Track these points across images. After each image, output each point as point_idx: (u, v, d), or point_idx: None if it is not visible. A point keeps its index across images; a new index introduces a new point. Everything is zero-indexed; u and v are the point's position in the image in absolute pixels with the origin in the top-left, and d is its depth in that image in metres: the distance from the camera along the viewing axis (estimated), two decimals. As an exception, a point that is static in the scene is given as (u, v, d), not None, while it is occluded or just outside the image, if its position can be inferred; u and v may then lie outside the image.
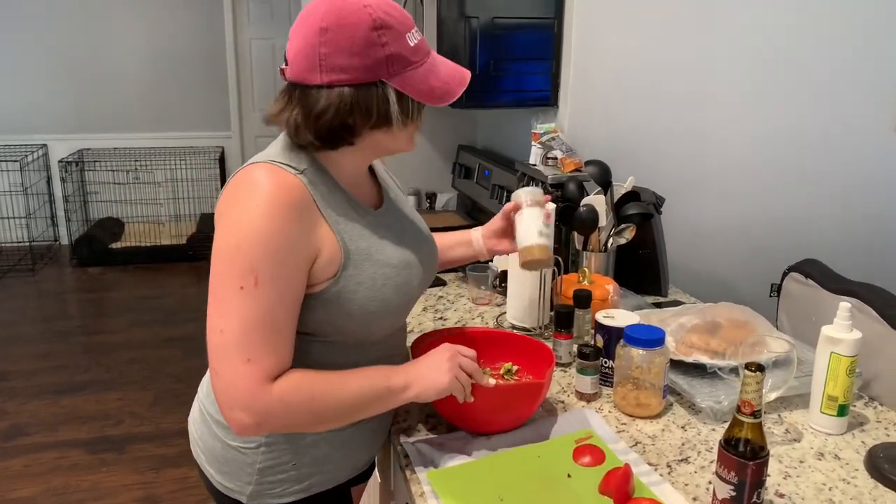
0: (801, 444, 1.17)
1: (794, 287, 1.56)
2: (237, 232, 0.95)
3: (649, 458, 1.12)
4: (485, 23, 1.93)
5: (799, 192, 2.26)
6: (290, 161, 1.01)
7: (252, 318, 0.94)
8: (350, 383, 1.02)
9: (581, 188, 1.74)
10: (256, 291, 0.93)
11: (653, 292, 1.83)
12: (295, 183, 0.98)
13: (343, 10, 0.96)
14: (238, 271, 0.93)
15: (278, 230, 0.95)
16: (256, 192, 0.96)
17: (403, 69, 0.98)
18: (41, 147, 5.51)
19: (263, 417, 0.95)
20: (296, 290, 0.98)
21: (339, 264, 1.02)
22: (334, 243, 1.02)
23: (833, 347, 1.16)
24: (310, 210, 0.99)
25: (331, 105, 0.97)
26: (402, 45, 0.98)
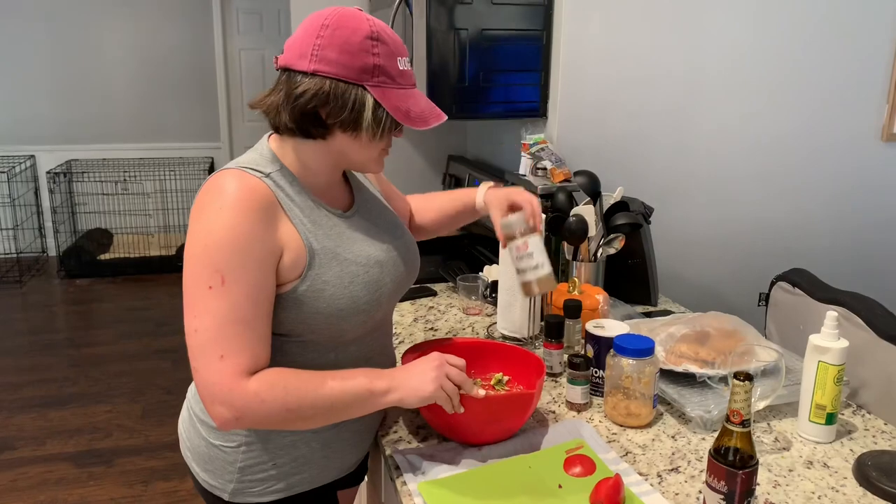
0: (791, 453, 1.17)
1: (782, 296, 1.57)
2: (204, 236, 0.99)
3: (640, 467, 1.12)
4: (474, 35, 1.94)
5: (786, 201, 2.28)
6: (257, 166, 1.06)
7: (222, 315, 0.97)
8: (330, 383, 1.03)
9: (570, 198, 1.75)
10: (224, 290, 0.97)
11: (642, 302, 1.84)
12: (259, 185, 1.03)
13: (347, 15, 1.02)
14: (206, 272, 0.98)
15: (241, 231, 0.99)
16: (221, 197, 1.00)
17: (387, 84, 1.03)
18: (29, 158, 5.49)
19: (241, 412, 0.98)
20: (263, 287, 1.00)
21: (305, 264, 1.05)
22: (299, 242, 1.05)
23: (821, 356, 1.17)
24: (273, 210, 1.03)
25: (309, 90, 1.01)
26: (391, 63, 1.03)
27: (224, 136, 5.96)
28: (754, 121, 2.19)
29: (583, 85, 2.01)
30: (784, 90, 2.19)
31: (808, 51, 2.17)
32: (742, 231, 2.26)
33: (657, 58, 2.05)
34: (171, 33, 5.66)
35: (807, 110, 2.22)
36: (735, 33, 2.10)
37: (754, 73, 2.15)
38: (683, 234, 2.19)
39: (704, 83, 2.12)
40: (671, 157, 2.14)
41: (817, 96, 2.22)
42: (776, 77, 2.17)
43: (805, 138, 2.24)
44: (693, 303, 1.92)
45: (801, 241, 2.30)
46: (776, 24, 2.12)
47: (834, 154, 2.28)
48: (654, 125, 2.10)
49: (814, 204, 2.30)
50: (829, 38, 2.18)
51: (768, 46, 2.13)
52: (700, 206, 2.21)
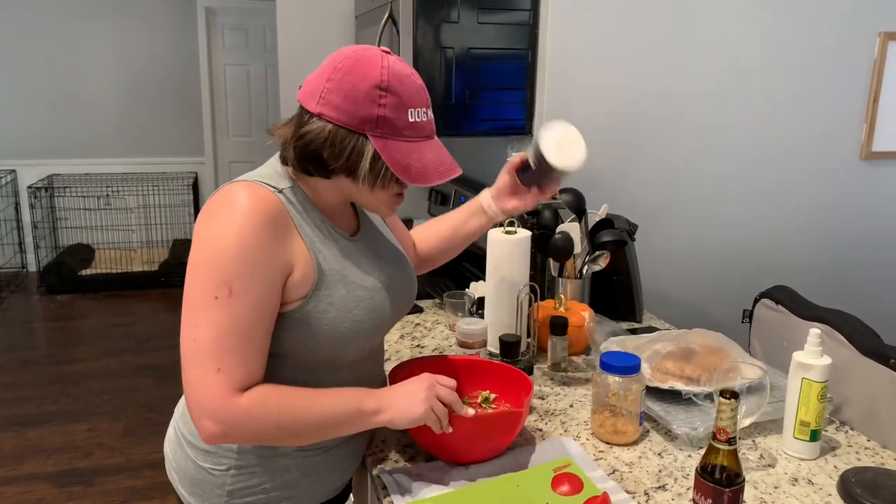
0: (776, 470, 1.18)
1: (766, 313, 1.59)
2: (214, 244, 0.97)
3: (627, 485, 1.12)
4: (460, 53, 1.95)
5: (767, 218, 2.31)
6: (271, 181, 1.05)
7: (224, 327, 0.96)
8: (321, 401, 1.02)
9: (556, 216, 1.76)
10: (230, 302, 0.96)
11: (627, 318, 1.85)
12: (272, 198, 1.02)
13: (361, 60, 1.00)
14: (213, 282, 0.96)
15: (254, 243, 0.97)
16: (234, 207, 0.99)
17: (390, 136, 1.00)
18: (10, 172, 5.43)
19: (230, 427, 0.97)
20: (269, 302, 0.99)
21: (313, 283, 1.04)
22: (308, 261, 1.04)
23: (804, 373, 1.18)
24: (285, 225, 1.02)
25: (311, 132, 1.01)
26: (398, 114, 1.00)
27: (208, 152, 5.94)
28: (736, 140, 2.22)
29: (567, 103, 2.03)
30: (765, 110, 2.22)
31: (788, 71, 2.21)
32: (725, 248, 2.29)
33: (641, 78, 2.08)
34: (156, 48, 5.65)
35: (787, 129, 2.26)
36: (717, 54, 2.13)
37: (736, 94, 2.18)
38: (667, 252, 2.21)
39: (688, 103, 2.15)
40: (655, 175, 2.16)
41: (798, 115, 2.26)
42: (757, 97, 2.20)
43: (785, 156, 2.28)
44: (677, 319, 1.94)
45: (782, 258, 2.33)
46: (757, 46, 2.16)
47: (814, 172, 2.32)
48: (638, 143, 2.13)
49: (795, 221, 2.33)
50: (808, 58, 2.22)
51: (750, 68, 2.17)
52: (683, 224, 2.23)
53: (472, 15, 1.94)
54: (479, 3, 1.93)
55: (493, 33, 1.97)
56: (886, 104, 2.29)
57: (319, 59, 1.09)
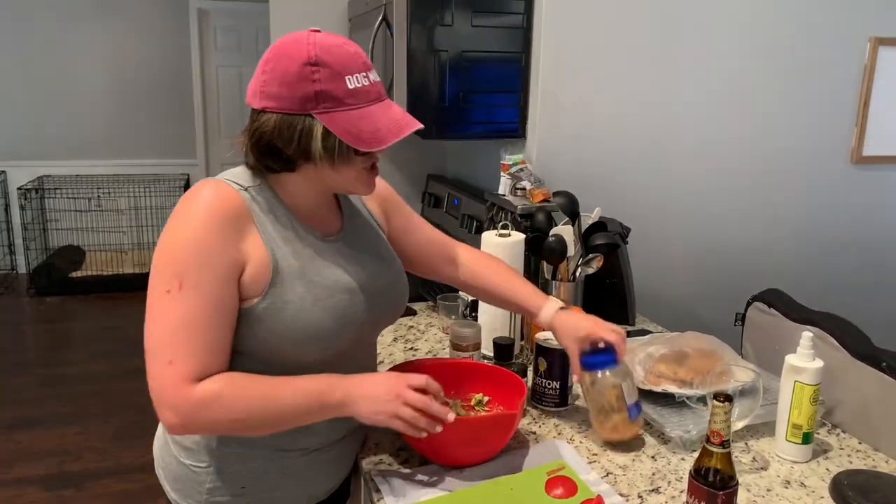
0: (769, 472, 1.19)
1: (758, 316, 1.59)
2: (169, 241, 1.01)
3: (620, 488, 1.12)
4: (454, 56, 1.96)
5: (759, 222, 2.32)
6: (239, 179, 1.08)
7: (175, 320, 0.98)
8: (281, 392, 1.02)
9: (550, 219, 1.76)
10: (180, 295, 0.98)
11: (620, 321, 1.85)
12: (233, 196, 1.04)
13: (287, 44, 1.02)
14: (166, 277, 0.99)
15: (204, 238, 1.00)
16: (192, 205, 1.02)
17: (333, 108, 1.00)
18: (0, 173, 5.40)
19: (187, 418, 0.98)
20: (220, 296, 1.00)
21: (268, 279, 1.04)
22: (265, 259, 1.04)
23: (797, 376, 1.19)
24: (242, 222, 1.04)
25: (258, 129, 1.03)
26: (336, 84, 1.00)
27: (200, 153, 5.92)
28: (728, 144, 2.23)
29: (561, 106, 2.03)
30: (756, 114, 2.23)
31: (779, 76, 2.22)
32: (717, 251, 2.30)
33: (633, 81, 2.09)
34: (148, 49, 5.63)
35: (779, 134, 2.27)
36: (710, 59, 2.14)
37: (727, 98, 2.19)
38: (660, 255, 2.21)
39: (680, 106, 2.15)
40: (648, 178, 2.17)
41: (789, 120, 2.27)
42: (748, 102, 2.21)
43: (777, 161, 2.29)
44: (670, 322, 1.94)
45: (774, 261, 2.34)
46: (749, 51, 2.17)
47: (805, 177, 2.33)
48: (631, 147, 2.13)
49: (786, 225, 2.35)
50: (800, 63, 2.23)
51: (741, 72, 2.18)
52: (676, 227, 2.24)
53: (466, 18, 1.94)
54: (473, 7, 1.94)
55: (487, 36, 1.97)
56: (877, 109, 2.31)
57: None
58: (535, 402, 1.40)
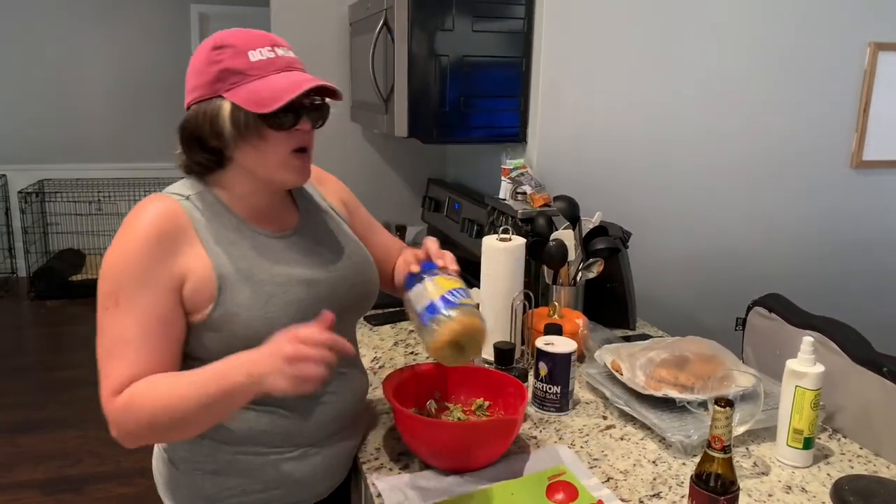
0: (769, 478, 1.18)
1: (758, 321, 1.60)
2: (108, 259, 1.04)
3: (622, 493, 1.12)
4: (455, 60, 1.96)
5: (759, 226, 2.32)
6: (181, 190, 1.10)
7: (112, 336, 1.01)
8: (181, 383, 1.00)
9: (550, 223, 1.76)
10: (117, 311, 1.01)
11: (621, 325, 1.85)
12: (173, 210, 1.06)
13: (203, 41, 1.08)
14: (104, 294, 1.03)
15: (139, 256, 1.02)
16: (131, 223, 1.05)
17: (239, 83, 1.02)
18: (0, 177, 5.40)
19: (117, 428, 1.01)
20: (156, 311, 1.02)
21: (214, 289, 1.04)
22: (207, 269, 1.05)
23: (798, 381, 1.19)
24: (180, 235, 1.05)
25: (182, 124, 1.07)
26: (238, 60, 1.03)
27: (201, 157, 5.92)
28: (728, 148, 2.23)
29: (561, 111, 2.04)
30: (756, 119, 2.23)
31: (779, 81, 2.22)
32: (717, 256, 2.30)
33: (634, 86, 2.09)
34: (149, 53, 5.64)
35: (779, 138, 2.27)
36: (709, 63, 2.15)
37: (727, 103, 2.19)
38: (660, 259, 2.21)
39: (680, 112, 2.16)
40: (648, 183, 2.17)
41: (789, 125, 2.27)
42: (748, 107, 2.22)
43: (777, 165, 2.29)
44: (670, 327, 1.94)
45: (774, 266, 2.34)
46: (748, 56, 2.18)
47: (805, 181, 2.33)
48: (631, 151, 2.13)
49: (786, 230, 2.35)
50: (799, 68, 2.23)
51: (741, 77, 2.18)
52: (676, 232, 2.24)
53: (466, 23, 1.94)
54: (474, 11, 1.94)
55: (488, 41, 1.98)
56: (877, 114, 2.31)
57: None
58: (535, 406, 1.40)
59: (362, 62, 2.29)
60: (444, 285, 1.10)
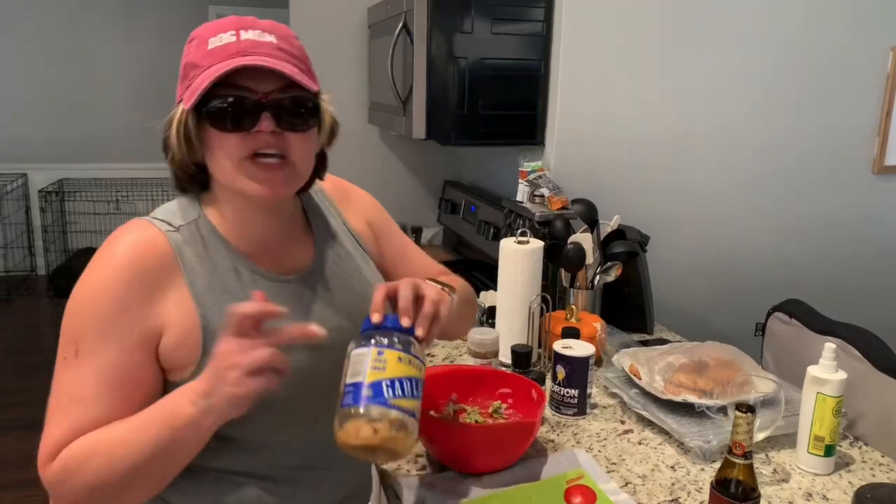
0: (790, 485, 1.17)
1: (779, 327, 1.58)
2: (74, 299, 0.88)
3: (640, 498, 1.12)
4: (473, 63, 1.96)
5: (779, 231, 2.30)
6: (172, 217, 0.93)
7: (65, 390, 0.86)
8: (127, 430, 0.83)
9: (568, 226, 1.76)
10: (75, 363, 0.85)
11: (638, 330, 1.84)
12: (156, 243, 0.89)
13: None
14: (64, 339, 0.87)
15: (109, 298, 0.85)
16: (105, 254, 0.88)
17: (193, 78, 0.87)
18: (21, 176, 5.46)
19: (55, 494, 0.88)
20: (120, 367, 0.85)
21: (199, 346, 0.87)
22: (190, 318, 0.87)
23: (819, 388, 1.18)
24: (164, 274, 0.87)
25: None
26: (198, 52, 0.88)
27: (218, 158, 5.96)
28: (748, 151, 2.22)
29: (580, 114, 2.03)
30: (777, 123, 2.22)
31: (800, 84, 2.21)
32: (736, 260, 2.28)
33: (652, 89, 2.08)
34: (167, 54, 5.68)
35: (800, 142, 2.25)
36: (729, 68, 2.13)
37: (747, 105, 2.18)
38: (678, 263, 2.20)
39: (699, 114, 2.15)
40: (667, 186, 2.16)
41: (811, 129, 2.25)
42: (769, 111, 2.20)
43: (798, 170, 2.27)
44: (687, 331, 1.93)
45: (794, 271, 2.32)
46: (769, 59, 2.16)
47: (827, 186, 2.31)
48: (649, 155, 2.13)
49: (807, 235, 2.33)
50: (821, 71, 2.22)
51: (761, 82, 2.17)
52: (694, 236, 2.23)
53: (486, 25, 1.94)
54: (493, 14, 1.94)
55: (507, 44, 1.98)
56: (899, 118, 2.29)
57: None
58: (552, 409, 1.40)
59: (380, 64, 2.30)
60: (390, 368, 0.83)
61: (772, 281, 2.27)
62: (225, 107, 0.86)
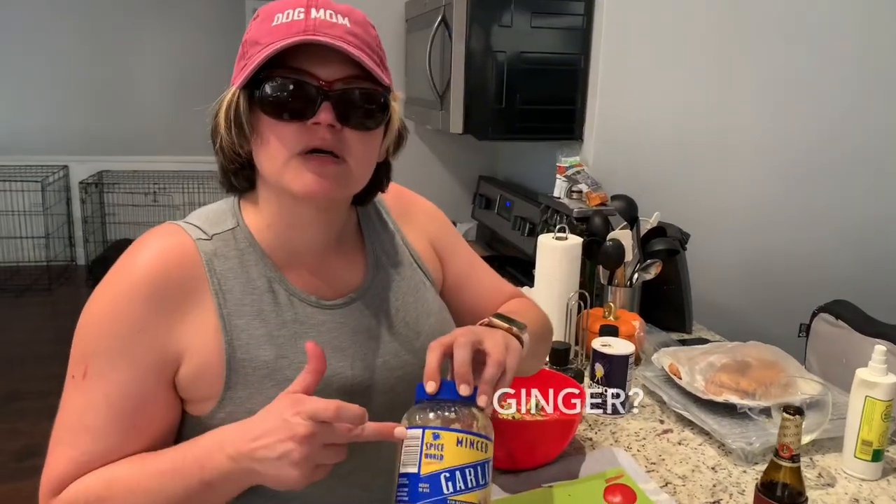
0: (836, 490, 1.15)
1: (824, 328, 1.55)
2: (87, 313, 0.79)
3: (680, 499, 1.10)
4: (511, 57, 1.95)
5: (825, 230, 2.25)
6: (206, 223, 0.83)
7: (69, 415, 0.78)
8: (146, 476, 0.74)
9: (607, 223, 1.74)
10: (84, 385, 0.76)
11: (677, 329, 1.82)
12: (183, 253, 0.78)
13: None
14: (74, 357, 0.79)
15: (125, 314, 0.76)
16: (126, 263, 0.79)
17: (251, 58, 0.77)
18: (62, 168, 5.58)
19: None
20: (132, 393, 0.76)
21: (221, 380, 0.77)
22: (215, 346, 0.77)
23: (868, 391, 1.15)
24: (187, 291, 0.77)
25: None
26: (260, 28, 0.78)
27: (253, 151, 6.02)
28: (794, 150, 2.17)
29: (619, 109, 2.01)
30: (825, 121, 2.17)
31: (850, 82, 2.15)
32: (779, 260, 2.23)
33: (693, 84, 2.05)
34: (205, 47, 5.75)
35: (844, 140, 2.20)
36: (773, 64, 2.09)
37: (793, 103, 2.13)
38: (718, 262, 2.16)
39: (743, 109, 2.10)
40: (709, 183, 2.13)
41: (855, 126, 2.19)
42: (816, 107, 2.15)
43: (842, 167, 2.22)
44: (727, 331, 1.90)
45: (839, 272, 2.26)
46: (814, 56, 2.11)
47: (872, 184, 2.25)
48: (690, 151, 2.09)
49: (853, 233, 2.27)
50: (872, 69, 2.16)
51: (807, 77, 2.12)
52: (736, 234, 2.19)
53: (525, 19, 1.93)
54: (533, 8, 1.93)
55: (546, 37, 1.96)
56: (951, 115, 2.22)
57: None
58: (591, 408, 1.38)
59: (418, 59, 2.30)
60: (448, 455, 0.70)
61: (816, 281, 2.22)
62: (280, 91, 0.75)
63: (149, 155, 5.80)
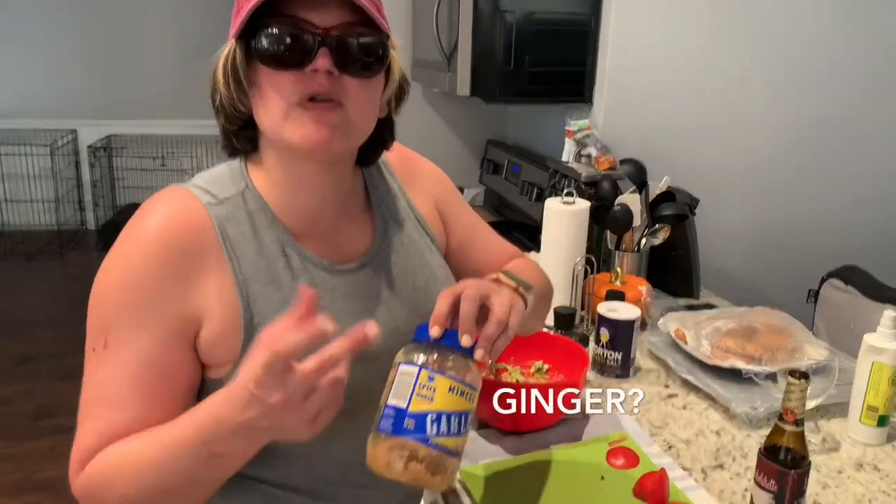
0: (840, 454, 1.15)
1: (833, 293, 1.53)
2: (100, 283, 0.78)
3: (683, 462, 1.10)
4: (520, 17, 1.91)
5: (834, 195, 2.22)
6: (215, 186, 0.82)
7: (93, 388, 0.77)
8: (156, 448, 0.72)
9: (615, 187, 1.72)
10: (105, 355, 0.76)
11: (684, 294, 1.81)
12: (195, 217, 0.78)
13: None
14: (93, 329, 0.78)
15: (141, 281, 0.75)
16: (136, 227, 0.78)
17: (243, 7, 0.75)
18: (71, 132, 5.57)
19: (83, 500, 0.78)
20: (154, 360, 0.76)
21: (238, 343, 0.77)
22: (233, 310, 0.77)
23: (876, 356, 1.14)
24: (202, 254, 0.77)
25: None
26: None
27: (261, 116, 5.99)
28: (803, 113, 2.13)
29: (630, 71, 1.97)
30: (831, 82, 2.12)
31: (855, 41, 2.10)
32: (788, 225, 2.21)
33: (706, 48, 2.00)
34: (213, 11, 5.67)
35: (858, 98, 2.15)
36: (786, 27, 2.04)
37: (801, 65, 2.08)
38: (728, 227, 2.14)
39: (753, 73, 2.06)
40: (719, 147, 2.09)
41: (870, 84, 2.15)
42: (824, 69, 2.10)
43: (858, 131, 2.18)
44: (735, 297, 1.88)
45: (849, 237, 2.24)
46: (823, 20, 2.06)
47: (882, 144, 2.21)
48: (701, 114, 2.05)
49: (861, 197, 2.24)
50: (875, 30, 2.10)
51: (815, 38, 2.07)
52: (745, 199, 2.16)
53: (534, -22, 1.89)
54: (543, -34, 1.88)
55: (556, -3, 1.92)
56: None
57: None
58: (595, 372, 1.39)
59: (425, 20, 2.26)
60: (438, 399, 0.72)
61: (825, 247, 2.20)
62: (276, 39, 0.74)
63: (157, 119, 5.78)
